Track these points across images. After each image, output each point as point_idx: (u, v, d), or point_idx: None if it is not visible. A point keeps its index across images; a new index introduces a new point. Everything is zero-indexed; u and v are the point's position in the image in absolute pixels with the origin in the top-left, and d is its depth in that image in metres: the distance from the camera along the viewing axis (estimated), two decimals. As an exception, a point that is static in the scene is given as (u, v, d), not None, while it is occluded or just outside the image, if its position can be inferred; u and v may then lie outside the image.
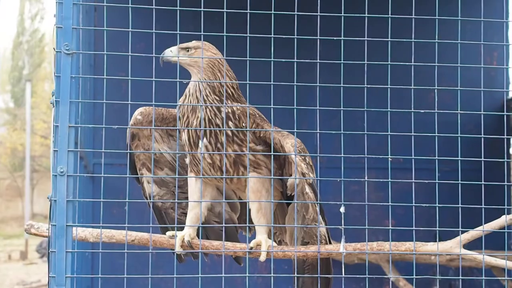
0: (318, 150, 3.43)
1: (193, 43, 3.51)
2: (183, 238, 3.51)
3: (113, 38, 3.34)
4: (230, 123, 3.44)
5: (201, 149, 3.45)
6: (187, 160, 3.62)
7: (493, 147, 3.30)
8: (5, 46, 35.99)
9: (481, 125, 3.11)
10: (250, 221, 3.57)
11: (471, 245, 3.31)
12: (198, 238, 3.57)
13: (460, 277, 3.29)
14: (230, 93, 3.47)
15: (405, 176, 3.37)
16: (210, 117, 3.43)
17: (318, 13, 2.98)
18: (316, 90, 3.12)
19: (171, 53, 3.50)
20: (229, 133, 3.43)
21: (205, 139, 3.44)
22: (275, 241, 3.64)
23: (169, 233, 3.56)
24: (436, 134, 3.00)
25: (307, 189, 3.38)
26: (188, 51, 3.49)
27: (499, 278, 5.86)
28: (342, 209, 3.19)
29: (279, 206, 3.76)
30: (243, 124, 3.44)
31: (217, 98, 3.44)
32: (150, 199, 3.87)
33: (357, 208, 3.17)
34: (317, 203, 3.44)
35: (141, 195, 3.94)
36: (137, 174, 3.88)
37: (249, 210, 3.58)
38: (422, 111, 3.01)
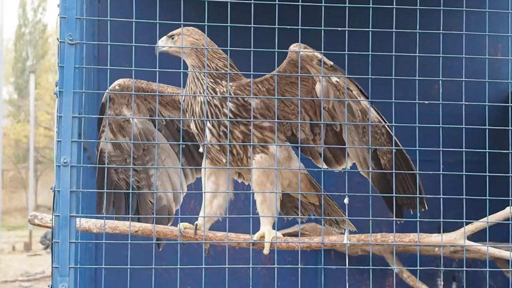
0: (322, 142, 3.42)
1: (177, 30, 3.50)
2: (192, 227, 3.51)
3: (117, 30, 3.33)
4: (229, 104, 3.42)
5: (207, 136, 3.44)
6: (201, 149, 3.60)
7: (497, 138, 3.28)
8: (8, 37, 35.89)
9: (485, 117, 3.10)
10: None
11: (474, 237, 3.30)
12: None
13: (464, 268, 3.28)
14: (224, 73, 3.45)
15: (409, 168, 3.36)
16: (209, 99, 3.42)
17: (323, 4, 2.97)
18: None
19: (162, 43, 3.53)
20: (231, 114, 3.42)
21: (208, 123, 3.43)
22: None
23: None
24: (441, 125, 2.99)
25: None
26: (173, 39, 3.50)
27: (503, 269, 5.85)
28: (346, 200, 3.19)
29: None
30: (246, 99, 3.41)
31: (212, 80, 3.43)
32: (97, 154, 3.81)
33: (360, 200, 3.15)
34: (322, 194, 3.43)
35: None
36: (100, 127, 3.79)
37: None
38: (427, 102, 3.00)
